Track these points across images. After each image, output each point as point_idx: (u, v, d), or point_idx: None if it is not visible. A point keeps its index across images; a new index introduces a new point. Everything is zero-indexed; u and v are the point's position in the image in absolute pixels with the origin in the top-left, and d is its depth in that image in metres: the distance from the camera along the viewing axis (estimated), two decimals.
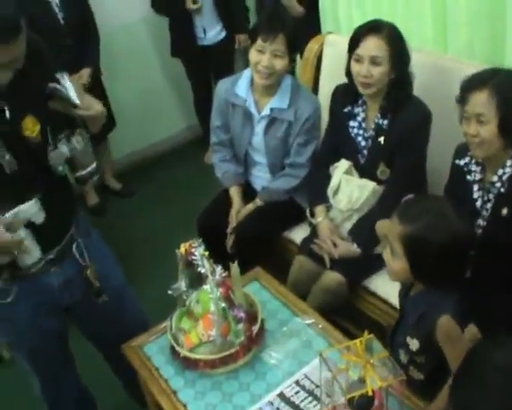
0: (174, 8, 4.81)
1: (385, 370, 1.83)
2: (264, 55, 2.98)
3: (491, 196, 2.37)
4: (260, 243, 3.15)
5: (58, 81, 1.99)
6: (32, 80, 1.96)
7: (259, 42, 2.97)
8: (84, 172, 2.10)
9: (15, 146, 1.97)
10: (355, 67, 2.77)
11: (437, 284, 1.99)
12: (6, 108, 1.95)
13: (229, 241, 3.20)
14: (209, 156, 5.11)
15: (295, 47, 3.12)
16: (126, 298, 2.52)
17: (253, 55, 3.02)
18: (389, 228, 2.02)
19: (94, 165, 2.12)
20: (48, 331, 2.33)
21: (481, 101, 2.22)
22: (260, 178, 3.37)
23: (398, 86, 2.76)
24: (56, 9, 4.14)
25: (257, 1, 5.47)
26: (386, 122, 2.82)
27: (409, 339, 2.06)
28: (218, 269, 2.15)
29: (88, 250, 2.28)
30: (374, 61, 2.70)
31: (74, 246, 2.25)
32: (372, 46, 2.70)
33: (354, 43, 2.77)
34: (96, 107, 2.08)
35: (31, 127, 2.01)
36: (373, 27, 2.74)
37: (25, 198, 2.00)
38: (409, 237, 1.93)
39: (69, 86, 2.00)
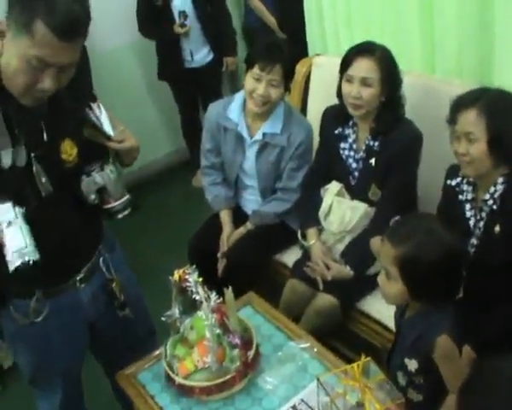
0: (161, 32, 4.82)
1: (383, 393, 1.83)
2: (260, 83, 2.98)
3: (483, 214, 2.37)
4: (252, 267, 3.13)
5: (92, 109, 1.99)
6: (69, 103, 1.95)
7: (256, 70, 2.97)
8: (115, 204, 2.07)
9: (52, 169, 1.94)
10: (346, 88, 2.78)
11: (435, 301, 1.99)
12: (44, 129, 1.92)
13: (221, 265, 3.19)
14: (197, 179, 5.11)
15: (290, 76, 3.15)
16: (140, 310, 2.48)
17: (249, 82, 3.01)
18: (382, 252, 2.02)
19: (126, 197, 2.09)
20: (78, 348, 2.34)
21: (470, 120, 2.24)
22: (251, 201, 3.36)
23: (389, 108, 2.78)
24: None
25: (243, 24, 5.52)
26: (377, 144, 2.83)
27: (407, 360, 2.05)
28: (213, 295, 2.13)
29: (113, 263, 2.28)
30: (365, 83, 2.71)
31: (101, 260, 2.25)
32: (363, 67, 2.72)
33: (346, 63, 2.79)
34: (130, 140, 2.08)
35: (68, 151, 1.99)
36: (365, 49, 2.76)
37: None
38: (403, 258, 1.92)
39: (103, 116, 2.00)
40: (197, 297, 2.11)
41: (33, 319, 2.09)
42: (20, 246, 1.77)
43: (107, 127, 2.00)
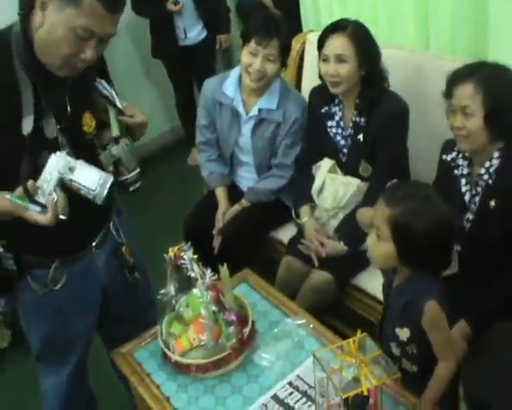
0: (155, 10, 4.79)
1: (378, 368, 1.83)
2: (256, 58, 2.96)
3: (479, 189, 2.37)
4: (247, 244, 3.13)
5: (102, 84, 2.06)
6: (87, 76, 1.98)
7: (253, 44, 2.95)
8: (129, 176, 2.12)
9: (75, 141, 1.99)
10: (323, 67, 2.80)
11: (423, 268, 1.98)
12: (67, 102, 1.97)
13: (216, 242, 3.18)
14: (193, 158, 5.10)
15: (287, 52, 3.13)
16: (144, 276, 2.50)
17: (245, 57, 3.00)
18: (375, 212, 2.00)
19: (138, 170, 2.14)
20: (91, 316, 2.36)
21: (467, 93, 2.23)
22: (246, 178, 3.36)
23: (371, 83, 2.78)
24: None
25: (237, 1, 5.48)
26: (363, 119, 2.83)
27: (398, 330, 2.06)
28: (208, 272, 2.13)
29: (121, 228, 2.32)
30: (340, 59, 2.72)
31: (111, 225, 2.28)
32: (336, 44, 2.73)
33: (320, 43, 2.80)
34: (140, 115, 2.16)
35: (89, 123, 2.05)
36: (337, 27, 2.76)
37: None
38: (397, 219, 1.91)
39: (113, 91, 2.06)
40: (192, 275, 2.12)
41: (52, 288, 2.13)
42: (96, 178, 1.84)
43: (118, 102, 2.06)
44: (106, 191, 1.84)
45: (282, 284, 2.97)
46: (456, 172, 2.44)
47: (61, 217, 1.81)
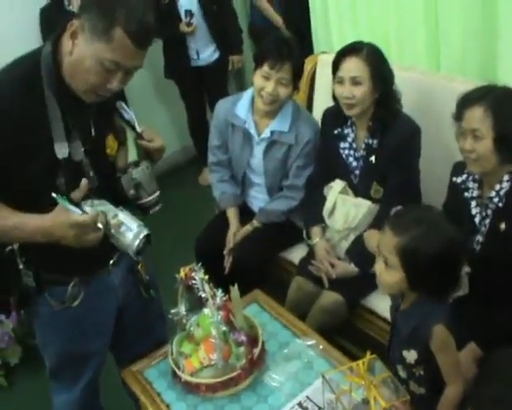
0: (168, 31, 4.82)
1: (388, 390, 1.83)
2: (269, 81, 2.98)
3: (489, 211, 2.37)
4: (258, 265, 3.13)
5: (122, 107, 2.10)
6: (110, 99, 2.01)
7: (266, 68, 2.96)
8: (149, 198, 2.13)
9: (98, 164, 2.04)
10: (338, 90, 2.80)
11: (433, 293, 1.98)
12: (92, 125, 2.02)
13: (227, 263, 3.19)
14: (204, 177, 5.11)
15: (300, 75, 3.15)
16: (156, 292, 2.51)
17: (258, 80, 3.01)
18: (382, 241, 2.01)
19: (158, 192, 2.16)
20: (107, 333, 2.36)
21: (477, 116, 2.24)
22: (258, 198, 3.37)
23: (384, 105, 2.79)
24: None
25: (249, 22, 5.52)
26: (375, 141, 2.83)
27: (405, 352, 2.06)
28: (219, 293, 2.15)
29: None
30: (354, 82, 2.73)
31: None
32: (351, 67, 2.74)
33: (335, 66, 2.81)
34: (159, 139, 2.20)
35: (112, 145, 2.10)
36: (352, 49, 2.78)
37: None
38: (405, 247, 1.91)
39: (132, 114, 2.09)
40: (203, 295, 2.13)
41: (70, 305, 2.15)
42: (134, 226, 1.96)
43: (137, 125, 2.09)
44: (138, 242, 1.95)
45: (292, 304, 2.97)
46: (466, 194, 2.44)
47: (99, 225, 1.89)
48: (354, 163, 2.93)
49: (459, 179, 2.47)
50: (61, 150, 1.91)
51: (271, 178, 3.24)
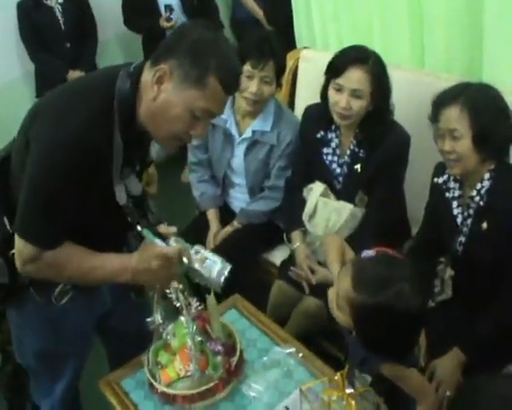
0: (147, 26, 4.78)
1: (367, 403, 1.79)
2: (252, 81, 2.92)
3: (471, 211, 2.34)
4: (239, 266, 3.06)
5: None
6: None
7: (248, 67, 2.89)
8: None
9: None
10: (334, 97, 2.68)
11: (378, 352, 1.81)
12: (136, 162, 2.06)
13: None
14: (186, 175, 5.06)
15: (283, 71, 3.09)
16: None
17: (241, 80, 2.94)
18: (341, 281, 1.81)
19: None
20: (90, 334, 2.36)
21: (453, 116, 2.21)
22: (238, 199, 3.32)
23: (376, 117, 2.69)
24: (59, 15, 4.62)
25: (231, 17, 5.47)
26: (362, 150, 2.76)
27: (362, 374, 1.92)
28: (194, 302, 2.10)
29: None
30: (355, 95, 2.62)
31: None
32: (355, 78, 2.61)
33: (336, 70, 2.67)
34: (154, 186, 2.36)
35: (145, 179, 2.21)
36: (358, 58, 2.63)
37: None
38: (359, 307, 1.73)
39: None
40: (177, 305, 2.08)
41: (57, 303, 2.10)
42: (218, 261, 2.08)
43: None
44: (224, 277, 2.06)
45: (274, 308, 2.94)
46: (447, 194, 2.41)
47: (184, 259, 2.01)
48: (338, 170, 2.85)
49: (440, 180, 2.44)
50: (120, 196, 1.95)
51: (252, 179, 3.20)
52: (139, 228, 1.94)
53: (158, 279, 2.01)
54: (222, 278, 2.04)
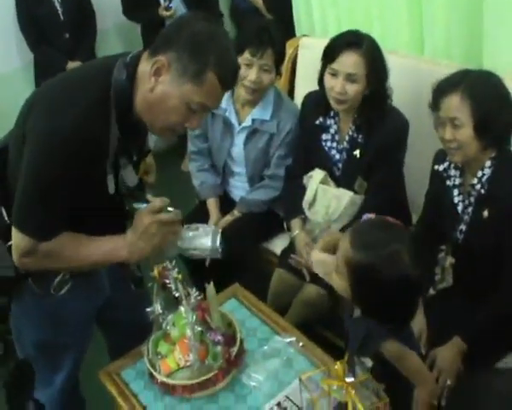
0: (146, 15, 4.76)
1: (367, 391, 1.77)
2: (251, 69, 2.90)
3: (471, 199, 2.33)
4: (239, 255, 3.08)
5: None
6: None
7: (247, 55, 2.88)
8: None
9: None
10: (329, 82, 2.68)
11: (374, 317, 1.80)
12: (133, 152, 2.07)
13: None
14: (186, 164, 5.05)
15: (282, 59, 3.07)
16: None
17: (240, 69, 2.93)
18: (340, 244, 1.82)
19: None
20: (90, 325, 2.37)
21: (454, 104, 2.19)
22: (238, 188, 3.31)
23: (373, 101, 2.68)
24: (58, 6, 4.63)
25: (230, 5, 5.44)
26: (361, 136, 2.75)
27: (362, 359, 1.90)
28: (193, 292, 2.09)
29: None
30: (350, 79, 2.62)
31: None
32: (350, 62, 2.61)
33: (331, 55, 2.67)
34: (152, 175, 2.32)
35: (143, 168, 2.20)
36: (352, 41, 2.62)
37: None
38: (356, 265, 1.73)
39: None
40: (177, 295, 2.07)
41: (56, 294, 2.09)
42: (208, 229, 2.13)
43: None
44: (219, 240, 2.11)
45: (274, 296, 2.94)
46: (448, 182, 2.40)
47: (169, 208, 2.02)
48: (337, 156, 2.86)
49: (441, 167, 2.42)
50: (110, 185, 1.96)
51: (252, 168, 3.18)
52: (135, 205, 1.97)
53: (153, 240, 1.95)
54: (218, 243, 2.07)
